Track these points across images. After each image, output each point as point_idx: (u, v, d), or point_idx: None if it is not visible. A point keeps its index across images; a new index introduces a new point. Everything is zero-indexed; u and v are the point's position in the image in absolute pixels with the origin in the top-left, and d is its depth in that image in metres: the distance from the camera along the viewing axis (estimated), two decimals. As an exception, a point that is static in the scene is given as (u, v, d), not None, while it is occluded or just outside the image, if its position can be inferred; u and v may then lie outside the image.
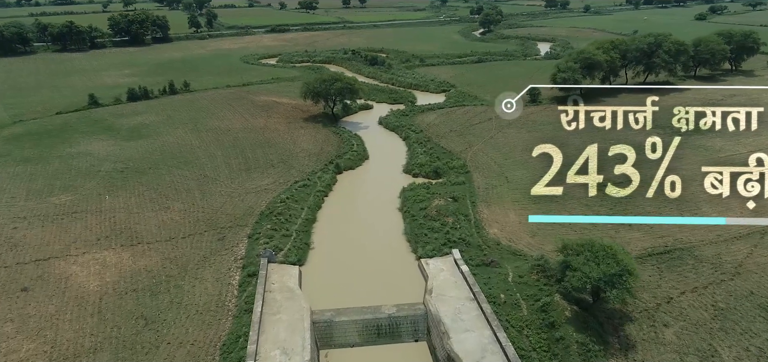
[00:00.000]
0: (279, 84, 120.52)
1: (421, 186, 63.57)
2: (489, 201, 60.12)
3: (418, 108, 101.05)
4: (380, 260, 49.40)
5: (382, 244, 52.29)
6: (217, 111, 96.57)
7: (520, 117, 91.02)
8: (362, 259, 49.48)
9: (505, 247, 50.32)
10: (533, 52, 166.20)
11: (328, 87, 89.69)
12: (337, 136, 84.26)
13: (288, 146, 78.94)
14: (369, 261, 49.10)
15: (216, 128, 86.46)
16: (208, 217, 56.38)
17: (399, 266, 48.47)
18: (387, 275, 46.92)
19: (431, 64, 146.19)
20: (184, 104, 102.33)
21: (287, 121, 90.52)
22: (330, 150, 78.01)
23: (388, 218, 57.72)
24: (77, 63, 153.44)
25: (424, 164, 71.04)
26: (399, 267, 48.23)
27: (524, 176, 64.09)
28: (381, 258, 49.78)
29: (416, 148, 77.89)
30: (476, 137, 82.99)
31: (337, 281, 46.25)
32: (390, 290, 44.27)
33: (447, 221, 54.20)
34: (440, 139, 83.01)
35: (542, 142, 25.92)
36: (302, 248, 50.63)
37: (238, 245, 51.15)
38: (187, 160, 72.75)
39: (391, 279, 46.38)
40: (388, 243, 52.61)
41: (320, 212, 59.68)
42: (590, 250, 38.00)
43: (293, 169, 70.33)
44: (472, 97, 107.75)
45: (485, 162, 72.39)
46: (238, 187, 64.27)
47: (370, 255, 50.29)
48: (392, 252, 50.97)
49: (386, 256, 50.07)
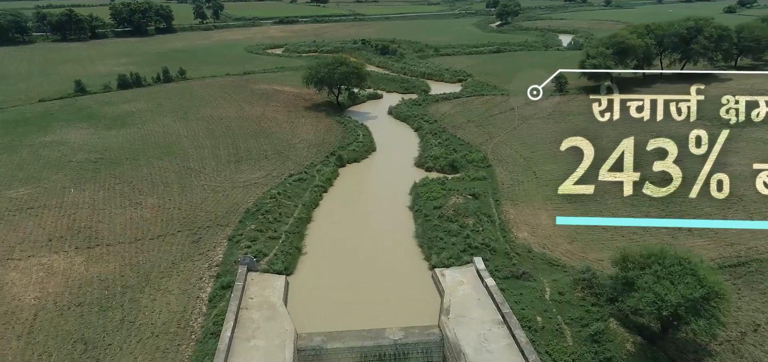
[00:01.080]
0: (283, 73, 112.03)
1: (435, 182, 54.55)
2: (516, 200, 50.98)
3: (431, 97, 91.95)
4: (386, 270, 40.50)
5: (389, 250, 43.40)
6: (211, 99, 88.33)
7: (546, 107, 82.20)
8: (364, 269, 40.63)
9: (538, 255, 41.20)
10: (554, 42, 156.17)
11: (332, 72, 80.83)
12: (341, 125, 75.52)
13: (285, 136, 70.36)
14: (372, 271, 40.24)
15: (208, 117, 78.17)
16: (185, 215, 47.93)
17: (408, 277, 39.55)
18: (393, 289, 38.03)
19: (446, 53, 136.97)
20: (177, 92, 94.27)
21: (287, 110, 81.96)
22: (332, 140, 69.28)
23: (396, 218, 48.84)
24: (74, 52, 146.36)
25: (438, 157, 62.00)
26: (408, 279, 39.32)
27: (555, 171, 54.71)
28: (387, 267, 40.88)
29: (430, 139, 68.88)
30: (497, 128, 73.80)
31: (331, 295, 37.42)
32: (397, 308, 35.41)
33: (467, 222, 45.16)
34: (457, 129, 73.91)
35: (572, 135, 22.92)
36: (292, 253, 41.89)
37: (216, 248, 42.61)
38: (170, 150, 64.47)
39: (398, 294, 37.47)
40: (396, 248, 43.72)
41: (317, 210, 50.90)
42: (660, 264, 28.76)
43: (289, 161, 61.71)
44: (491, 86, 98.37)
45: (509, 155, 63.20)
46: (225, 181, 55.79)
47: (374, 263, 41.42)
48: (400, 260, 42.05)
49: (393, 265, 41.17)
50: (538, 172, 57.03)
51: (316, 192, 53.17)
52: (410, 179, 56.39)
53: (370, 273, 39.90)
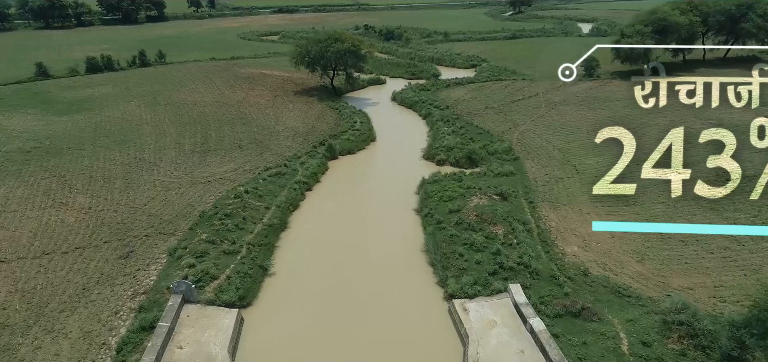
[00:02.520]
0: (275, 58, 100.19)
1: (449, 178, 42.59)
2: (556, 201, 39.01)
3: (442, 82, 79.94)
4: (384, 301, 28.58)
5: (389, 270, 31.49)
6: (188, 83, 76.70)
7: (575, 92, 70.36)
8: (353, 298, 28.78)
9: (598, 280, 29.21)
10: (574, 30, 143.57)
11: (325, 50, 68.85)
12: (334, 112, 63.71)
13: (267, 123, 58.57)
14: (364, 303, 28.36)
15: (180, 102, 66.54)
16: (121, 219, 36.28)
17: (415, 312, 27.63)
18: (394, 330, 26.12)
19: (457, 39, 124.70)
20: (152, 76, 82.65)
21: (273, 95, 70.18)
22: (323, 128, 57.45)
23: (400, 225, 36.97)
24: (54, 39, 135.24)
25: (453, 148, 49.99)
26: (415, 315, 27.39)
27: (600, 165, 41.65)
28: (385, 296, 28.97)
29: (441, 128, 56.83)
30: (522, 115, 61.71)
31: (305, 339, 25.57)
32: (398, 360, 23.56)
33: (495, 232, 33.16)
34: (473, 116, 61.87)
35: (609, 124, 19.29)
36: (253, 275, 30.03)
37: (149, 267, 30.90)
38: (125, 138, 52.86)
39: (400, 337, 25.58)
40: (399, 267, 31.81)
41: (296, 214, 39.07)
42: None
43: (268, 152, 49.95)
44: (510, 71, 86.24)
45: (540, 146, 51.15)
46: (183, 175, 44.13)
47: (368, 290, 29.55)
48: (404, 285, 30.12)
49: (394, 293, 29.24)
50: (579, 167, 45.01)
51: (297, 191, 41.31)
52: (418, 174, 44.45)
53: (361, 306, 28.02)
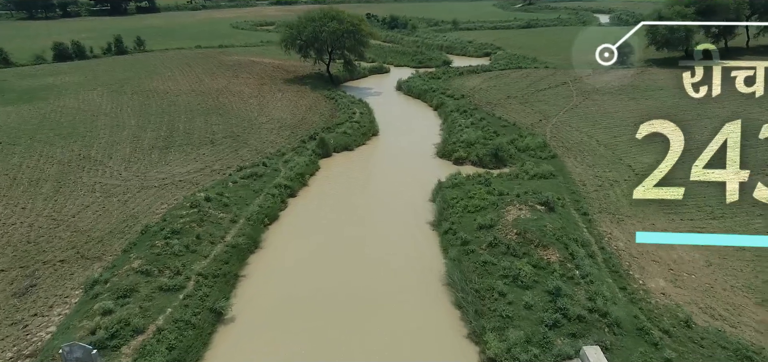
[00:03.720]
0: (268, 46, 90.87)
1: (473, 181, 32.97)
2: (616, 212, 29.47)
3: (453, 70, 70.37)
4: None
5: (397, 316, 21.83)
6: (163, 70, 67.36)
7: (609, 80, 60.98)
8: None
9: (710, 336, 19.63)
10: (592, 20, 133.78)
11: (320, 30, 59.24)
12: (330, 101, 54.28)
13: (249, 114, 49.12)
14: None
15: (150, 90, 57.19)
16: (35, 237, 26.86)
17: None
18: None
19: (466, 28, 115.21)
20: (125, 64, 73.34)
21: (259, 83, 60.71)
22: (315, 120, 47.97)
23: (410, 245, 27.40)
24: (32, 30, 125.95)
25: (474, 143, 40.41)
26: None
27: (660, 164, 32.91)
28: (394, 358, 19.38)
29: (458, 119, 47.23)
30: (551, 106, 52.15)
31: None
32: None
33: (546, 258, 23.52)
34: (494, 107, 52.29)
35: (657, 116, 16.75)
36: (197, 327, 20.42)
37: (51, 311, 21.42)
38: (74, 131, 43.51)
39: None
40: (411, 312, 22.16)
41: (273, 229, 29.53)
42: None
43: (245, 148, 40.49)
44: (530, 59, 76.68)
45: (580, 140, 41.55)
46: (134, 177, 34.67)
47: (368, 347, 19.94)
48: (420, 341, 20.46)
49: (405, 355, 19.61)
50: (636, 167, 35.34)
51: (276, 197, 31.75)
52: (432, 176, 34.88)
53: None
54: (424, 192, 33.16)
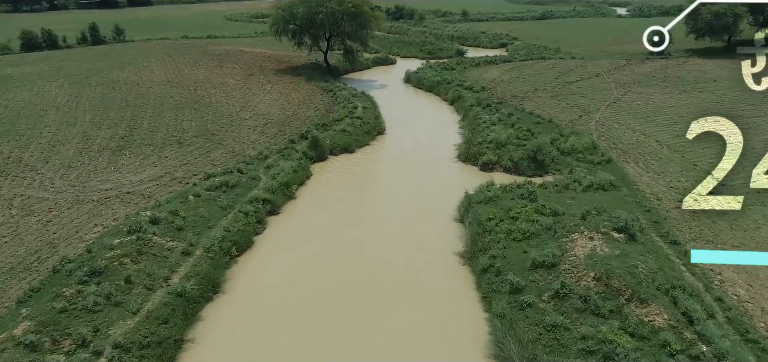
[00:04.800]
0: (262, 38, 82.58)
1: (512, 194, 24.91)
2: (715, 239, 21.33)
3: (469, 61, 62.19)
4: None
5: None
6: (139, 61, 59.31)
7: (647, 72, 53.18)
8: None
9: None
10: (609, 12, 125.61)
11: (315, 13, 51.08)
12: (327, 94, 46.29)
13: (229, 108, 41.10)
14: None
15: (119, 81, 49.25)
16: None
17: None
18: None
19: (477, 19, 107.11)
20: (98, 54, 65.32)
21: (246, 74, 52.68)
22: (309, 115, 39.94)
23: (435, 290, 19.26)
24: (18, 22, 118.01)
25: (505, 143, 32.28)
26: None
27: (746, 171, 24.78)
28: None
29: (481, 115, 39.05)
30: (588, 99, 44.09)
31: None
32: None
33: (648, 319, 15.36)
34: (522, 101, 44.24)
35: (712, 112, 14.57)
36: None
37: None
38: (13, 128, 35.57)
39: None
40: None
41: (242, 262, 21.42)
42: None
43: (220, 149, 32.44)
44: (553, 49, 68.64)
45: (636, 141, 33.44)
46: (69, 187, 26.66)
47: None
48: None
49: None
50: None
51: (249, 218, 23.62)
52: (455, 185, 26.81)
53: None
54: (446, 208, 25.09)
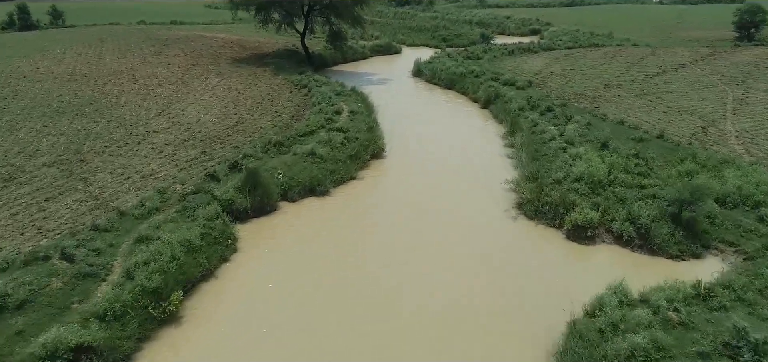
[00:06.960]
0: (238, 25, 67.58)
1: (662, 313, 9.65)
2: None
3: (498, 48, 46.78)
4: None
5: None
6: (56, 49, 44.13)
7: (743, 62, 38.10)
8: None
9: None
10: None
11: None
12: (299, 91, 31.09)
13: (140, 113, 25.95)
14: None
15: (3, 73, 34.18)
16: None
17: None
18: None
19: (496, 5, 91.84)
20: (12, 41, 50.37)
21: (190, 63, 37.57)
22: (262, 125, 24.62)
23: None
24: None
25: (606, 184, 16.99)
26: None
27: None
28: None
29: (541, 126, 23.75)
30: (695, 101, 28.97)
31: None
32: None
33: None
34: (596, 102, 28.95)
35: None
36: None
37: None
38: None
39: None
40: None
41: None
42: None
43: (73, 192, 17.19)
44: (605, 35, 53.81)
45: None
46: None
47: None
48: None
49: None
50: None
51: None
52: (530, 285, 11.51)
53: None
54: (526, 340, 9.94)
